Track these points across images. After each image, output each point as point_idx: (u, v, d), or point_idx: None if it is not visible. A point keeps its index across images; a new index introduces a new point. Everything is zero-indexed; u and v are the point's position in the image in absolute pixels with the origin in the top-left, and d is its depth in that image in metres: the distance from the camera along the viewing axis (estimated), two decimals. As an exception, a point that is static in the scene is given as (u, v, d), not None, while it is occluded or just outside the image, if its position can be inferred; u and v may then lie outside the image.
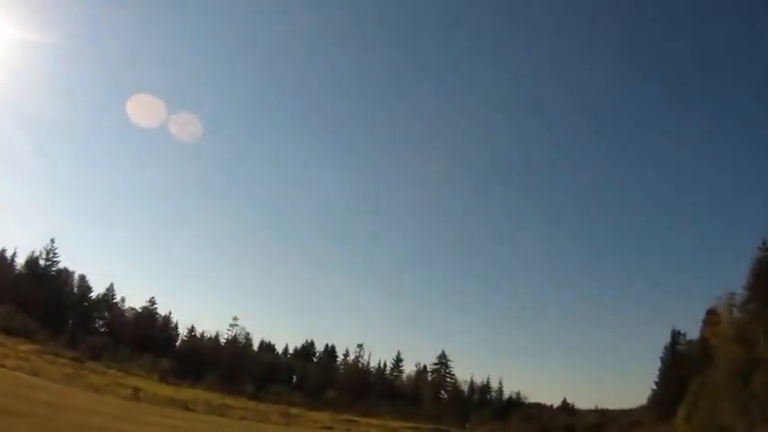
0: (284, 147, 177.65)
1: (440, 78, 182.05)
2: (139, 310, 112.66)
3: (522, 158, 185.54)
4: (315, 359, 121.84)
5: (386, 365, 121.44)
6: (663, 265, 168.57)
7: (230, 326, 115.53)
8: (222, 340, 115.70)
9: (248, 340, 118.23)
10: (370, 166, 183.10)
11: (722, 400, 62.45)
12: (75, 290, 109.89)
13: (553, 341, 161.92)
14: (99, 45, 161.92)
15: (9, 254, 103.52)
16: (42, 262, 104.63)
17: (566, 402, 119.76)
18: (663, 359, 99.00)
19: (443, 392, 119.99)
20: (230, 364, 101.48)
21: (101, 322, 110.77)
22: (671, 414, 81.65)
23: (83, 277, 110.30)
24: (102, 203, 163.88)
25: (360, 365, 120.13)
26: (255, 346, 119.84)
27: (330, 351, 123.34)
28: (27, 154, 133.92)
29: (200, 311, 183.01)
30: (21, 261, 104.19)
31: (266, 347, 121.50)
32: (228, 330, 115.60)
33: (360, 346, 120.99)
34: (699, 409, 70.88)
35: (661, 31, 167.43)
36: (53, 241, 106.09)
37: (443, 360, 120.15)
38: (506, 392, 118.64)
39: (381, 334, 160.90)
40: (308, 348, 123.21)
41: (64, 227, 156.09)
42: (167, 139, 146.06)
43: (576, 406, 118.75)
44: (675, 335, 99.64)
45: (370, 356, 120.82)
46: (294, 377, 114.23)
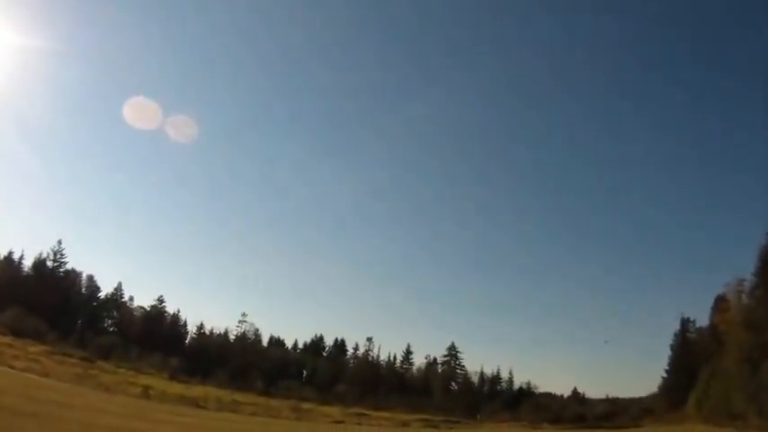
0: (287, 144, 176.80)
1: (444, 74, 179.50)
2: (148, 308, 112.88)
3: (531, 154, 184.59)
4: (324, 354, 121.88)
5: (396, 358, 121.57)
6: (671, 253, 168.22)
7: (239, 322, 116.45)
8: (231, 337, 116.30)
9: (257, 336, 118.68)
10: (373, 162, 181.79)
11: (733, 387, 62.42)
12: (84, 290, 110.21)
13: (563, 330, 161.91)
14: (93, 48, 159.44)
15: (16, 256, 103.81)
16: (50, 263, 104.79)
17: (576, 392, 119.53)
18: (673, 347, 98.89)
19: (454, 384, 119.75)
20: (240, 360, 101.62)
21: (110, 322, 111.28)
22: (682, 402, 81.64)
23: (91, 277, 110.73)
24: (107, 205, 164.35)
25: (370, 359, 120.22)
26: (265, 341, 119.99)
27: (340, 345, 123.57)
28: (27, 157, 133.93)
29: (208, 309, 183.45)
30: (28, 263, 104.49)
31: (276, 343, 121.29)
32: (237, 327, 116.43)
33: (369, 339, 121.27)
34: (709, 397, 70.89)
35: (674, 28, 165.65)
36: (60, 242, 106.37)
37: (453, 352, 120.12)
38: (517, 383, 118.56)
39: (391, 327, 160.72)
40: (317, 343, 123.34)
41: (69, 229, 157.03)
42: (167, 140, 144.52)
43: (587, 395, 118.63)
44: (685, 322, 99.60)
45: (379, 350, 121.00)
46: (304, 372, 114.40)
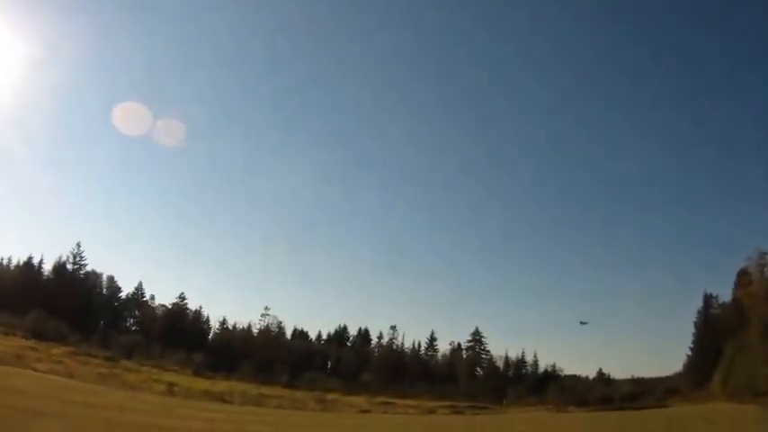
0: (299, 138, 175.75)
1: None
2: (170, 306, 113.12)
3: (551, 137, 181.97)
4: (349, 344, 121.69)
5: (420, 346, 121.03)
6: (693, 228, 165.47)
7: (262, 316, 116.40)
8: (255, 331, 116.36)
9: (281, 329, 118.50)
10: (388, 154, 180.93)
11: (757, 362, 61.50)
12: (105, 291, 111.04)
13: (586, 312, 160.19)
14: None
15: (36, 261, 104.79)
16: (70, 266, 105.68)
17: (601, 373, 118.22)
18: (696, 324, 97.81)
19: (479, 369, 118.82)
20: (264, 353, 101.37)
21: (132, 321, 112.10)
22: (707, 380, 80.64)
23: (111, 278, 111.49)
24: (123, 207, 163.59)
25: (394, 347, 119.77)
26: (288, 334, 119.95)
27: (364, 335, 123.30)
28: (33, 165, 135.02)
29: (230, 304, 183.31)
30: (48, 267, 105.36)
31: (299, 335, 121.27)
32: (260, 320, 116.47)
33: (393, 327, 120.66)
34: (734, 374, 69.92)
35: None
36: (79, 245, 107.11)
37: (477, 337, 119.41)
38: (542, 366, 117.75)
39: (414, 314, 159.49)
40: (341, 333, 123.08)
41: (87, 232, 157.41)
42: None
43: (612, 376, 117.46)
44: (708, 298, 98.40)
45: (403, 338, 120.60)
46: (329, 363, 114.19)
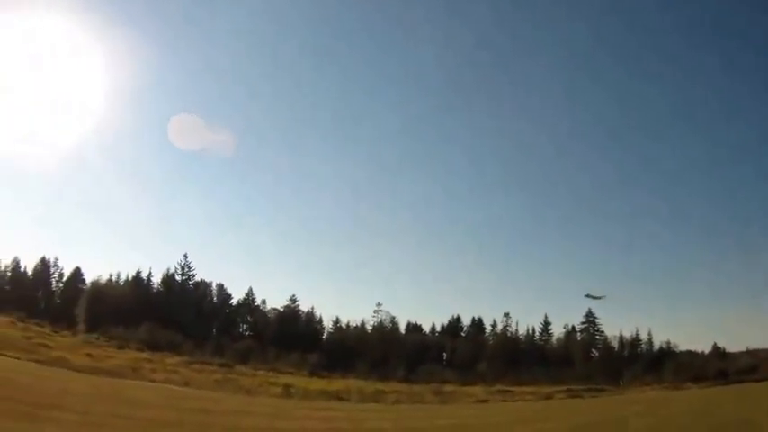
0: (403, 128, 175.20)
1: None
2: (281, 309, 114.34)
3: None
4: (463, 334, 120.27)
5: (534, 331, 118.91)
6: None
7: (374, 312, 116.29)
8: (368, 327, 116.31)
9: (395, 324, 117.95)
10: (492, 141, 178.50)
11: None
12: (215, 299, 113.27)
13: (699, 285, 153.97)
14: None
15: (144, 275, 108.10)
16: (178, 277, 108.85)
17: (716, 347, 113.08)
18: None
19: (594, 351, 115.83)
20: (379, 349, 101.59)
21: (244, 326, 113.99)
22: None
23: (221, 286, 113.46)
24: (228, 215, 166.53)
25: (508, 334, 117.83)
26: (402, 328, 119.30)
27: (477, 324, 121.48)
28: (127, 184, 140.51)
29: (342, 303, 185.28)
30: (157, 280, 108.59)
31: (413, 328, 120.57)
32: (373, 317, 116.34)
33: (506, 314, 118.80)
34: None
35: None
36: (186, 256, 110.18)
37: (591, 318, 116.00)
38: (656, 344, 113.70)
39: (526, 300, 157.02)
40: (454, 324, 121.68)
41: (194, 243, 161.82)
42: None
43: (728, 349, 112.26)
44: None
45: (517, 324, 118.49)
46: (444, 354, 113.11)
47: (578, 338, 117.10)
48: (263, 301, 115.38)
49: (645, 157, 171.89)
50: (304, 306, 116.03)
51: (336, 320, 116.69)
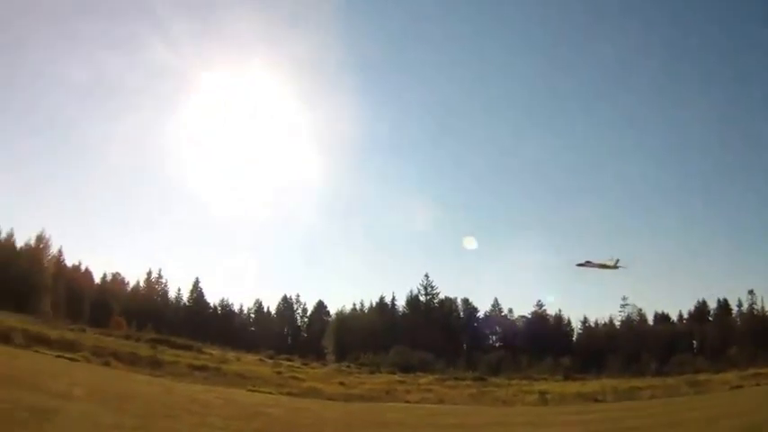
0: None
1: None
2: (529, 316, 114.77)
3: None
4: (710, 318, 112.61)
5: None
6: None
7: (621, 306, 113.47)
8: (617, 323, 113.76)
9: (642, 317, 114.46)
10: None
11: None
12: (462, 314, 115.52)
13: None
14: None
15: (388, 299, 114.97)
16: (422, 297, 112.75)
17: None
18: None
19: None
20: (629, 345, 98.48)
21: (493, 338, 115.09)
22: None
23: (466, 300, 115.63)
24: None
25: (755, 313, 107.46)
26: (650, 320, 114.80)
27: (723, 306, 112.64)
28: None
29: (588, 302, 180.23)
30: (401, 303, 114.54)
31: (661, 319, 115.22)
32: (620, 311, 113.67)
33: (751, 292, 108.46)
34: None
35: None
36: (427, 276, 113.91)
37: None
38: None
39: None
40: (701, 309, 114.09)
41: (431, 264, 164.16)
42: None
43: None
44: None
45: (763, 301, 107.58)
46: (694, 342, 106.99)
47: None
48: (509, 310, 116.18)
49: None
50: (551, 310, 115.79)
51: (584, 320, 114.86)
